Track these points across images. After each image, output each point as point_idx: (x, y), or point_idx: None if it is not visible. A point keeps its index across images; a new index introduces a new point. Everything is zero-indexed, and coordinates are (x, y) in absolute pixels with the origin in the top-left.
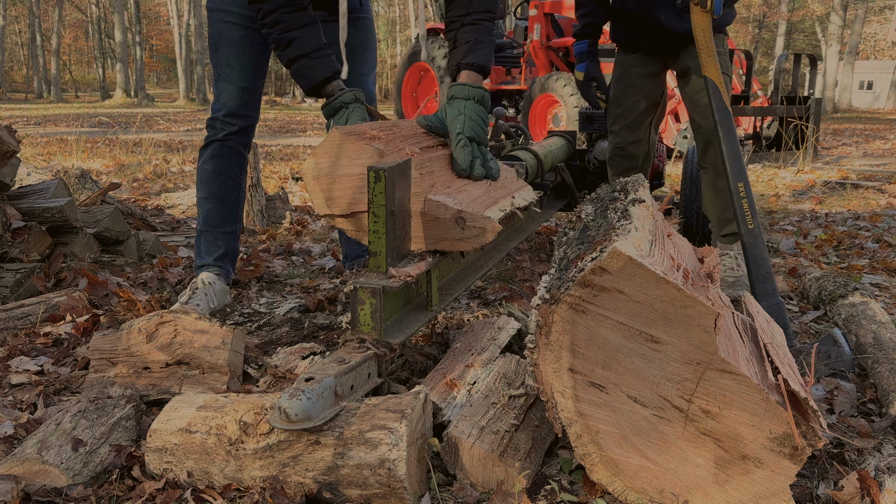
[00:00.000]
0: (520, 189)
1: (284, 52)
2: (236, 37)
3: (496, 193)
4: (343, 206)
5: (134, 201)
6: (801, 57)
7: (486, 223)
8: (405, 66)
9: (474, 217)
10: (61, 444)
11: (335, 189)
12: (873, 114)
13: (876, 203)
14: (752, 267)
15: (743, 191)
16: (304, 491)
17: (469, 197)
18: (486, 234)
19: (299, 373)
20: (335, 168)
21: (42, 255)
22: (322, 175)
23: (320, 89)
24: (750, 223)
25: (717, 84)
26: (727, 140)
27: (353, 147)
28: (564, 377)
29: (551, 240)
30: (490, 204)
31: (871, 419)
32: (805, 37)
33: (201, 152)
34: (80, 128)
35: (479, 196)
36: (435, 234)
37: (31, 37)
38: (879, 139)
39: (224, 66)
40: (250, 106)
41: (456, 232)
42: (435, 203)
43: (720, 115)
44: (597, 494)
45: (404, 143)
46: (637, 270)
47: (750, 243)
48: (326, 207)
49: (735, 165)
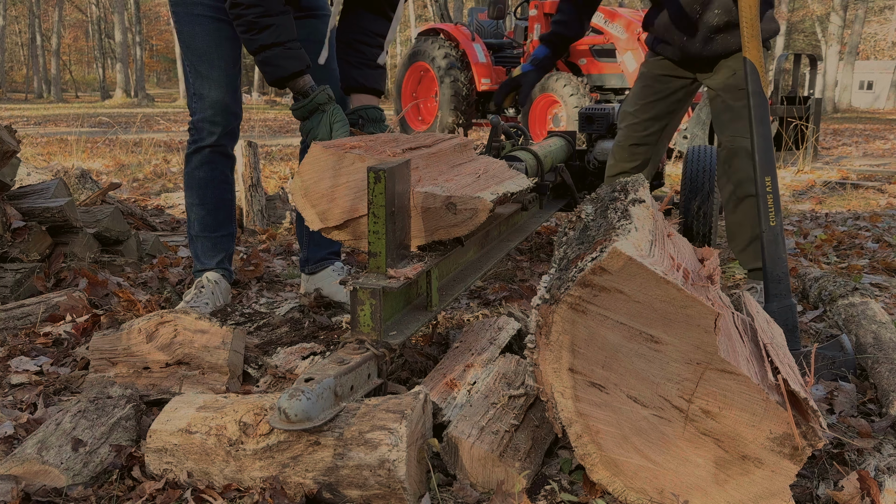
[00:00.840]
0: (512, 178)
1: (256, 37)
2: (210, 30)
3: (486, 182)
4: (336, 217)
5: (134, 201)
6: (801, 57)
7: (476, 203)
8: (405, 66)
9: (464, 199)
10: (61, 444)
11: (324, 202)
12: (873, 114)
13: (876, 203)
14: (769, 266)
15: (769, 185)
16: (303, 491)
17: (457, 185)
18: (478, 215)
19: (299, 373)
20: (321, 182)
21: (42, 255)
22: (310, 191)
23: (289, 82)
24: (772, 220)
25: (757, 67)
26: (759, 130)
27: (334, 159)
28: (564, 377)
29: (551, 240)
30: (481, 189)
31: (871, 419)
32: (805, 37)
33: (189, 158)
34: (80, 128)
35: (469, 184)
36: (429, 225)
37: (31, 37)
38: (879, 139)
39: (202, 64)
40: (235, 102)
41: (449, 218)
42: (423, 194)
43: (755, 99)
44: (597, 494)
45: (385, 146)
46: (637, 270)
47: (769, 241)
48: (320, 222)
49: (765, 157)
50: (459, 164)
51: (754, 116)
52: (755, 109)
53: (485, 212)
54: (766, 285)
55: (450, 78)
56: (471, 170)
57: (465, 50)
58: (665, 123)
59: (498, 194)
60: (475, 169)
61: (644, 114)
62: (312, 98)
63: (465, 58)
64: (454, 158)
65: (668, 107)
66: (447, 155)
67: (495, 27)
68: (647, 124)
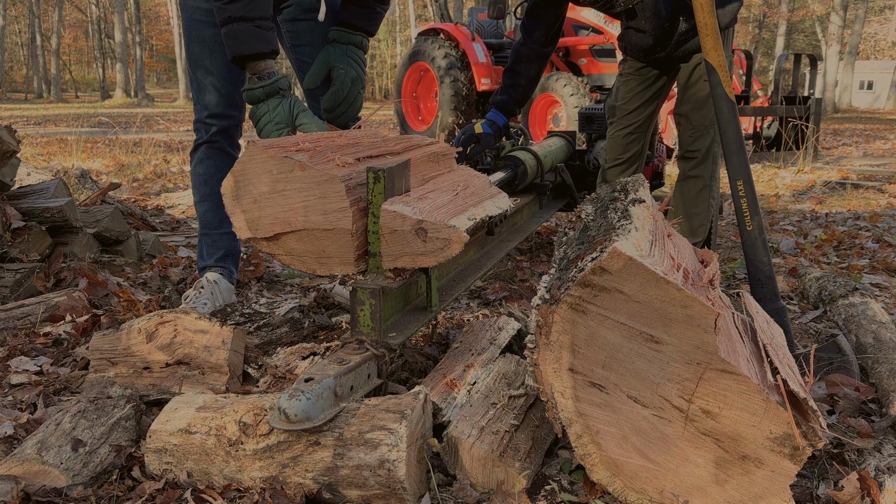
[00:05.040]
0: (493, 196)
1: (228, 7)
2: (205, 36)
3: (465, 202)
4: (267, 228)
5: (134, 201)
6: (801, 57)
7: (450, 233)
8: (405, 66)
9: (437, 227)
10: (61, 444)
11: (256, 209)
12: (873, 114)
13: (876, 203)
14: (750, 270)
15: (742, 189)
16: (303, 491)
17: (431, 205)
18: (451, 246)
19: (299, 373)
20: (256, 185)
21: (42, 255)
22: (242, 194)
23: (249, 62)
24: (749, 224)
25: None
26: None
27: (274, 162)
28: (564, 377)
29: (551, 240)
30: (456, 212)
31: (871, 419)
32: (805, 37)
33: (192, 156)
34: (80, 128)
35: (444, 204)
36: (392, 249)
37: (31, 37)
38: (879, 139)
39: (198, 68)
40: (230, 105)
41: (417, 245)
42: (391, 214)
43: (719, 104)
44: (597, 495)
45: (336, 153)
46: (637, 270)
47: (748, 246)
48: (249, 231)
49: (735, 161)
50: (434, 175)
51: (720, 121)
52: (720, 114)
53: (459, 244)
54: (751, 291)
55: (450, 78)
56: (449, 184)
57: (465, 50)
58: (652, 110)
59: (476, 220)
60: (454, 183)
61: (632, 104)
62: (274, 81)
63: (465, 58)
64: (427, 170)
65: (653, 93)
66: (420, 166)
67: (495, 27)
68: (636, 113)
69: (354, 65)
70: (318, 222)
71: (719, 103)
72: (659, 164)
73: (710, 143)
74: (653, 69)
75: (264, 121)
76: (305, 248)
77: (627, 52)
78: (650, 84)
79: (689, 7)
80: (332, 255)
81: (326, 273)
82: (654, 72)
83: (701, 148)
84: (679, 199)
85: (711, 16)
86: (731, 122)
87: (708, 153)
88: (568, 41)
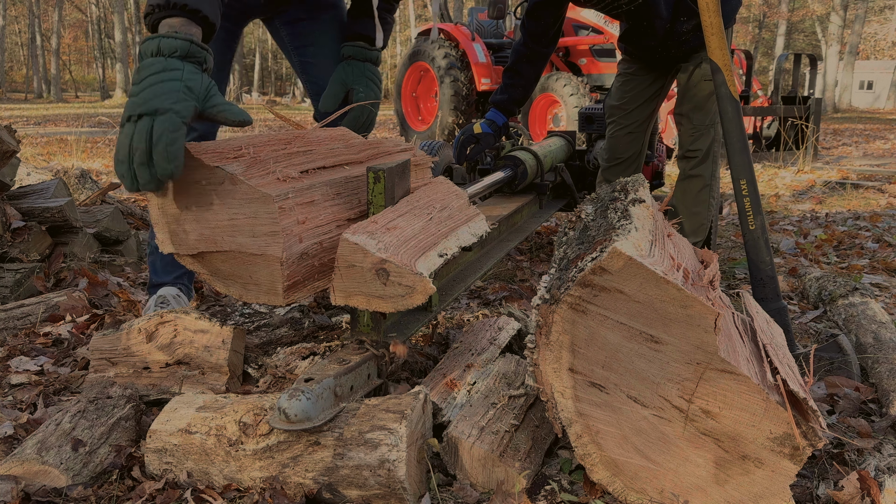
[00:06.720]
0: (470, 220)
1: None
2: None
3: (438, 228)
4: (190, 245)
5: (134, 201)
6: (801, 57)
7: (415, 281)
8: (405, 66)
9: (401, 271)
10: (61, 444)
11: (179, 221)
12: (873, 114)
13: (876, 203)
14: (752, 270)
15: (745, 188)
16: (303, 491)
17: (399, 238)
18: (413, 296)
19: (299, 373)
20: (180, 196)
21: (42, 255)
22: (167, 204)
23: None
24: (751, 223)
25: (722, 67)
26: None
27: (203, 171)
28: (564, 377)
29: (551, 240)
30: (428, 247)
31: (871, 419)
32: (805, 37)
33: None
34: (80, 128)
35: (414, 235)
36: (347, 285)
37: (31, 37)
38: (879, 139)
39: None
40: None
41: (375, 287)
42: (352, 246)
43: (723, 104)
44: (597, 495)
45: (280, 163)
46: (637, 270)
47: (750, 245)
48: (171, 245)
49: (739, 160)
50: (406, 192)
51: (724, 120)
52: (724, 114)
53: (423, 295)
54: (752, 290)
55: (450, 78)
56: (425, 203)
57: (465, 50)
58: (652, 109)
59: (447, 256)
60: (430, 204)
61: (631, 104)
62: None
63: (465, 58)
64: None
65: (653, 93)
66: None
67: (495, 27)
68: (636, 113)
69: (373, 86)
70: (245, 245)
71: (724, 103)
72: (659, 163)
73: (711, 142)
74: (652, 69)
75: (170, 77)
76: (232, 270)
77: (627, 52)
78: (649, 84)
79: (690, 7)
80: (259, 282)
81: (252, 301)
82: (653, 72)
83: (701, 147)
84: (679, 199)
85: (717, 15)
86: (735, 121)
87: (708, 153)
88: (568, 41)
